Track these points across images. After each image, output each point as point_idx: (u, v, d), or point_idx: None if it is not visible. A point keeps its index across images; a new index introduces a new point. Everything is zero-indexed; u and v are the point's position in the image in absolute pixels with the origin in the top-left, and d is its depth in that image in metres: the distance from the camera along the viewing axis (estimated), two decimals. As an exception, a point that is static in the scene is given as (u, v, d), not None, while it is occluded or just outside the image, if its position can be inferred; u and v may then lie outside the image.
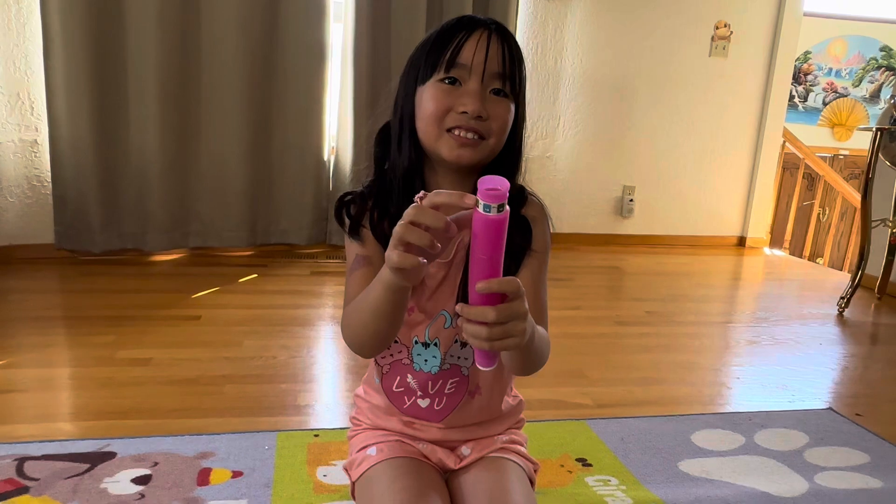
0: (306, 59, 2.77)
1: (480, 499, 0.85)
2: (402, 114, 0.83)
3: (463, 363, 0.91)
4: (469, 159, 0.79)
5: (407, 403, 0.92)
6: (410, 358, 0.89)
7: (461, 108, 0.77)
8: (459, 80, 0.78)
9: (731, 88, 3.53)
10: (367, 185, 0.87)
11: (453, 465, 0.90)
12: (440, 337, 0.88)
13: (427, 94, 0.79)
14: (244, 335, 1.84)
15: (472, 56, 0.77)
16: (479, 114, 0.77)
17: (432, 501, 0.82)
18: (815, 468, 1.27)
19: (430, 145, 0.80)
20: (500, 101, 0.79)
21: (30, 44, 2.43)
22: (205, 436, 1.25)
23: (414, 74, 0.81)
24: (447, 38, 0.79)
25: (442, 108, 0.78)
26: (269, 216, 2.86)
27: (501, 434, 0.95)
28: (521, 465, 0.93)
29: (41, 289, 2.27)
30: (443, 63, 0.77)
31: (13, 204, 2.54)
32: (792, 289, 3.01)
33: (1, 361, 1.57)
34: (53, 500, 1.03)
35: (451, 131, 0.78)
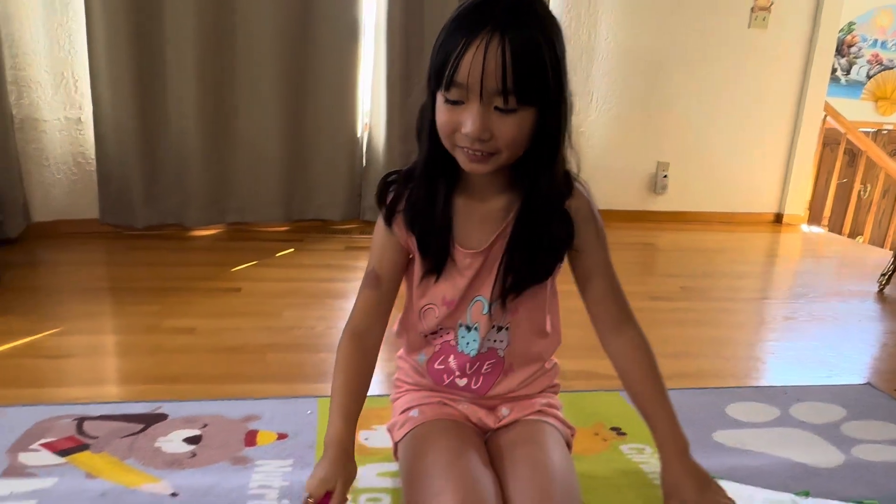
0: (340, 36, 2.79)
1: (519, 460, 0.88)
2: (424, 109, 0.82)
3: (499, 346, 0.93)
4: (484, 171, 0.79)
5: (446, 381, 0.96)
6: (457, 339, 0.92)
7: (463, 128, 0.75)
8: (461, 100, 0.74)
9: (770, 61, 3.44)
10: (410, 166, 0.88)
11: (493, 425, 0.94)
12: (480, 322, 0.90)
13: (438, 107, 0.78)
14: (283, 306, 1.89)
15: (467, 74, 0.72)
16: (479, 136, 0.74)
17: (472, 460, 0.86)
18: (852, 441, 1.27)
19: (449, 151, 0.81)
20: (506, 117, 0.74)
21: (73, 23, 2.49)
22: (249, 400, 1.30)
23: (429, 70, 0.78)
24: (450, 43, 0.74)
25: (448, 128, 0.77)
26: (303, 192, 2.91)
27: (539, 397, 0.97)
28: (558, 429, 0.96)
29: (88, 261, 2.36)
30: (443, 81, 0.74)
31: (60, 180, 2.62)
32: (830, 266, 2.96)
33: (56, 329, 1.65)
34: (112, 457, 1.09)
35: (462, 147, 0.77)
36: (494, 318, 0.90)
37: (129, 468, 1.05)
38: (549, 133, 0.78)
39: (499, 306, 0.89)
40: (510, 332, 0.93)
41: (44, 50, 2.47)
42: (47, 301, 1.92)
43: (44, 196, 2.60)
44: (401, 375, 1.03)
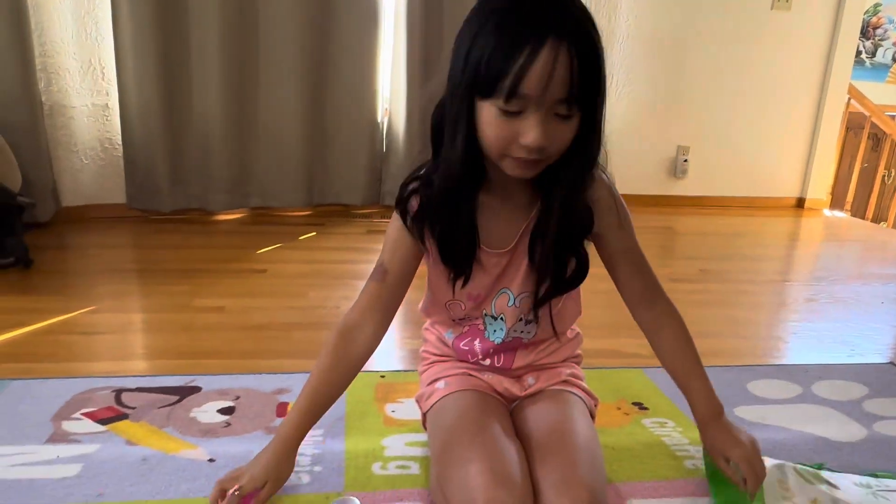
0: (360, 22, 2.80)
1: (544, 429, 0.90)
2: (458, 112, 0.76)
3: (525, 335, 0.96)
4: (531, 175, 0.78)
5: (471, 360, 0.98)
6: (485, 325, 0.94)
7: (522, 140, 0.72)
8: (521, 110, 0.71)
9: (793, 43, 3.40)
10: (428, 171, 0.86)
11: (519, 393, 0.96)
12: (506, 314, 0.92)
13: (487, 117, 0.73)
14: (308, 287, 1.93)
15: (536, 87, 0.68)
16: (542, 146, 0.72)
17: (497, 430, 0.88)
18: (873, 417, 1.28)
19: (492, 160, 0.78)
20: (562, 124, 0.73)
21: (99, 11, 2.53)
22: (279, 374, 1.34)
23: (471, 76, 0.72)
24: (508, 50, 0.68)
25: (504, 141, 0.73)
26: (324, 177, 2.94)
27: (563, 366, 1.00)
28: (582, 399, 0.98)
29: (117, 244, 2.41)
30: (502, 91, 0.69)
31: (88, 166, 2.68)
32: (853, 250, 2.94)
33: (90, 307, 1.70)
34: (150, 425, 1.13)
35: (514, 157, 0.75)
36: (522, 311, 0.92)
37: (168, 436, 1.10)
38: (592, 132, 0.77)
39: (528, 300, 0.91)
40: (539, 325, 0.95)
41: (71, 38, 2.52)
42: (79, 282, 1.98)
43: (72, 181, 2.66)
44: (427, 347, 1.05)
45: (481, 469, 0.80)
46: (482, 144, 0.76)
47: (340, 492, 0.95)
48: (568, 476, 0.80)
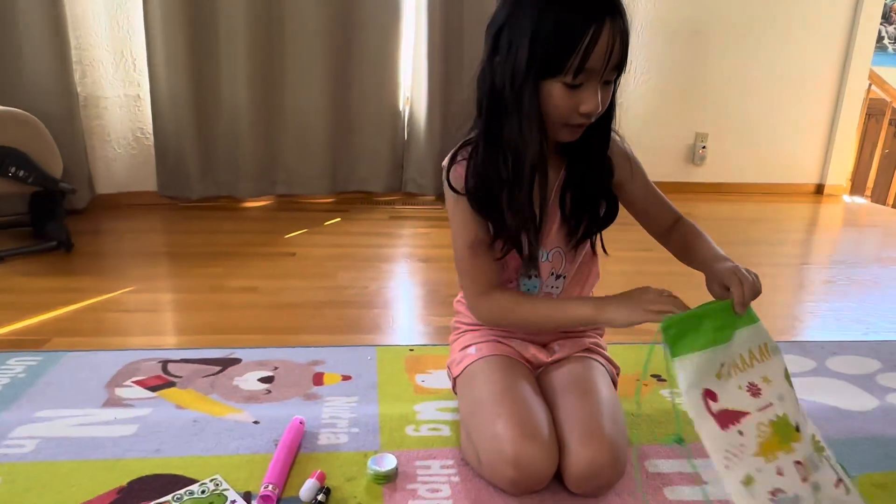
0: (382, 13, 2.86)
1: (569, 393, 0.96)
2: (528, 100, 0.83)
3: (554, 291, 1.02)
4: (576, 138, 0.89)
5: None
6: (518, 286, 1.00)
7: (583, 108, 0.82)
8: (583, 82, 0.81)
9: (812, 30, 3.40)
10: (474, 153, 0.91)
11: (546, 359, 1.02)
12: (540, 269, 0.98)
13: (553, 94, 0.82)
14: (336, 269, 2.00)
15: (601, 61, 0.79)
16: (599, 112, 0.84)
17: (524, 389, 0.95)
18: (886, 389, 1.32)
19: (550, 132, 0.88)
20: (607, 90, 0.85)
21: (131, 5, 2.61)
22: (314, 348, 1.41)
23: (539, 62, 0.80)
24: (575, 31, 0.78)
25: (565, 111, 0.84)
26: (348, 165, 3.01)
27: (586, 336, 1.06)
28: (605, 366, 1.04)
29: (150, 229, 2.51)
30: (571, 69, 0.79)
31: (121, 155, 2.77)
32: (872, 235, 2.95)
33: (130, 287, 1.78)
34: (197, 392, 1.21)
35: (569, 125, 0.86)
36: (554, 265, 0.99)
37: (214, 401, 1.17)
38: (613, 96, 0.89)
39: (559, 254, 0.98)
40: (566, 280, 1.01)
41: (104, 31, 2.61)
42: (117, 264, 2.07)
43: (106, 170, 2.75)
44: (459, 318, 1.11)
45: (509, 423, 0.87)
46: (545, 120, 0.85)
47: (377, 450, 1.02)
48: (591, 429, 0.86)
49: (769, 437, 0.76)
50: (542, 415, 0.91)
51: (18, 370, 1.27)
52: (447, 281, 1.92)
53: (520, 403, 0.91)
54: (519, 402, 0.91)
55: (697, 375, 0.77)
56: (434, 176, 3.03)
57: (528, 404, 0.92)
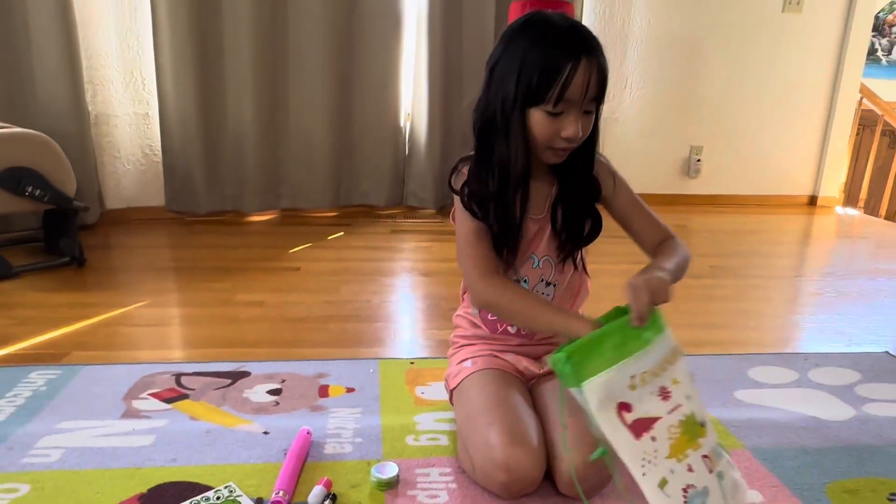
0: (383, 30, 2.95)
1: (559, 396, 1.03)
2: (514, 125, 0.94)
3: (545, 297, 1.09)
4: (562, 160, 0.99)
5: (499, 330, 1.12)
6: None
7: (564, 133, 0.93)
8: (563, 111, 0.92)
9: (804, 44, 3.48)
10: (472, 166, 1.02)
11: (538, 371, 1.09)
12: (529, 275, 1.06)
13: (537, 120, 0.93)
14: (340, 283, 2.07)
15: (578, 94, 0.90)
16: (579, 138, 0.94)
17: (515, 400, 1.02)
18: (863, 399, 1.39)
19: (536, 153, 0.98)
20: (589, 117, 0.95)
21: (141, 26, 2.70)
22: (319, 361, 1.49)
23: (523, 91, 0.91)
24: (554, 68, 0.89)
25: (549, 136, 0.94)
26: (351, 179, 3.09)
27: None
28: (593, 378, 1.11)
29: (159, 244, 2.58)
30: (552, 99, 0.90)
31: (129, 171, 2.85)
32: (863, 246, 3.01)
33: (142, 302, 1.86)
34: (209, 404, 1.28)
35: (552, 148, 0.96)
36: (543, 272, 1.06)
37: (226, 413, 1.24)
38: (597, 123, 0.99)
39: (549, 263, 1.06)
40: (556, 289, 1.08)
41: (115, 51, 2.69)
42: (128, 279, 2.14)
43: (116, 185, 2.83)
44: (458, 332, 1.18)
45: (501, 431, 0.94)
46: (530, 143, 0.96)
47: (380, 458, 1.09)
48: (581, 434, 0.93)
49: (679, 438, 0.81)
50: (532, 423, 0.98)
51: (40, 383, 1.34)
52: (447, 295, 1.99)
53: (510, 413, 0.98)
54: (510, 412, 0.98)
55: (608, 393, 0.79)
56: (434, 190, 3.10)
57: (518, 414, 0.99)
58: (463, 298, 1.18)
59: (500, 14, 2.97)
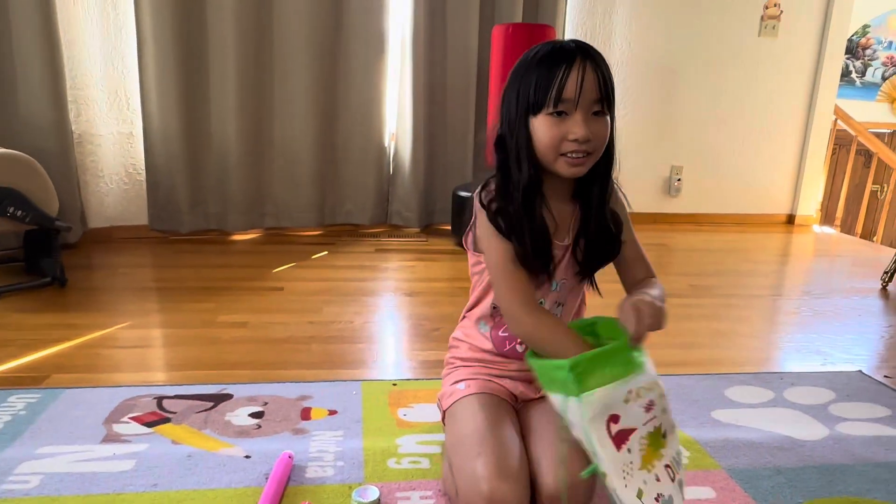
0: (367, 50, 2.99)
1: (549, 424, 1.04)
2: (518, 138, 0.97)
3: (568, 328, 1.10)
4: (581, 173, 0.97)
5: (507, 347, 1.13)
6: None
7: (571, 136, 0.92)
8: (566, 112, 0.92)
9: (780, 67, 3.57)
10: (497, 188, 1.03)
11: (534, 395, 1.11)
12: (546, 298, 1.08)
13: (541, 126, 0.94)
14: (322, 303, 2.08)
15: (574, 91, 0.91)
16: (588, 138, 0.93)
17: (506, 430, 1.03)
18: (837, 419, 1.42)
19: (548, 165, 0.97)
20: (600, 119, 0.94)
21: (126, 46, 2.71)
22: (301, 383, 1.49)
23: (525, 103, 0.95)
24: (550, 73, 0.92)
25: (556, 139, 0.94)
26: (335, 198, 3.11)
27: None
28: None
29: (141, 264, 2.57)
30: (550, 100, 0.92)
31: (113, 190, 2.85)
32: (839, 265, 3.08)
33: (125, 323, 1.85)
34: (191, 427, 1.28)
35: (565, 155, 0.95)
36: (559, 295, 1.09)
37: (207, 436, 1.24)
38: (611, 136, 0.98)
39: (564, 285, 1.08)
40: (564, 308, 1.10)
41: (100, 71, 2.70)
42: (111, 299, 2.13)
43: (98, 204, 2.83)
44: (454, 353, 1.19)
45: (488, 462, 0.95)
46: (539, 154, 0.96)
47: (361, 482, 1.10)
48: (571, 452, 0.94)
49: (647, 449, 0.85)
50: (519, 455, 0.99)
51: (19, 407, 1.33)
52: (431, 315, 2.01)
53: (499, 444, 0.99)
54: (499, 444, 0.99)
55: (603, 407, 0.83)
56: (418, 209, 3.13)
57: (507, 446, 0.99)
58: (464, 317, 1.18)
59: (484, 36, 3.02)
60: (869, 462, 1.24)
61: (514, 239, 1.01)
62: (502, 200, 1.02)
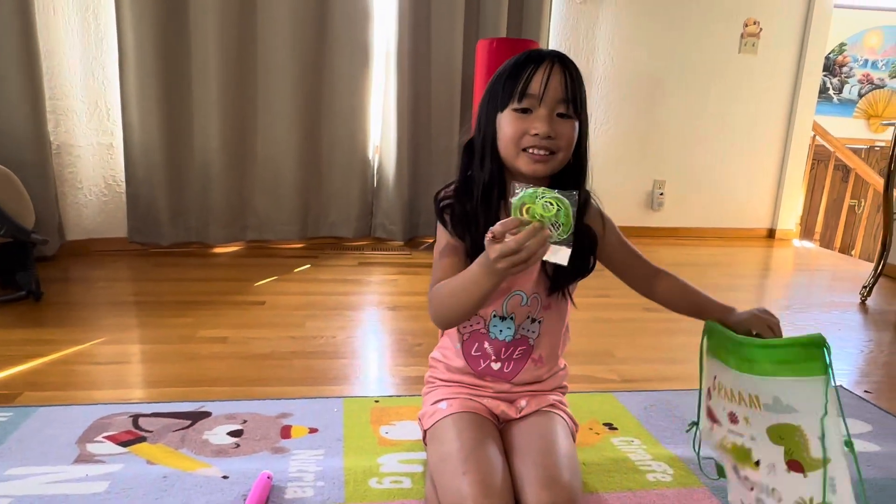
0: (352, 62, 2.98)
1: (533, 442, 1.03)
2: (485, 135, 1.00)
3: (530, 335, 1.10)
4: (542, 172, 0.97)
5: (482, 366, 1.11)
6: (487, 329, 1.08)
7: (533, 130, 0.95)
8: (531, 108, 0.95)
9: (760, 84, 3.63)
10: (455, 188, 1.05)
11: (515, 415, 1.10)
12: (516, 313, 1.07)
13: (505, 120, 0.97)
14: (305, 318, 2.05)
15: (539, 87, 0.94)
16: (549, 134, 0.94)
17: (490, 449, 1.02)
18: (819, 435, 1.42)
19: (510, 162, 0.98)
20: (565, 121, 0.96)
21: (106, 57, 2.68)
22: (282, 400, 1.46)
23: (494, 103, 0.98)
24: (518, 71, 0.95)
25: (518, 132, 0.96)
26: (318, 211, 3.09)
27: (552, 393, 1.14)
28: (566, 422, 1.12)
29: (120, 277, 2.53)
30: (516, 94, 0.95)
31: (92, 201, 2.81)
32: (818, 279, 3.11)
33: (101, 339, 1.82)
34: (167, 447, 1.25)
35: (527, 150, 0.96)
36: (531, 309, 1.07)
37: (184, 456, 1.22)
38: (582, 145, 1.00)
39: (537, 300, 1.07)
40: (542, 326, 1.09)
41: (80, 81, 2.67)
42: (87, 314, 2.09)
43: (76, 216, 2.78)
44: (433, 373, 1.18)
45: (474, 481, 0.93)
46: (501, 150, 0.98)
47: (341, 502, 1.08)
48: (552, 475, 0.93)
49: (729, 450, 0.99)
50: (503, 474, 0.98)
51: (-11, 427, 1.29)
52: (414, 330, 1.99)
53: (485, 463, 0.98)
54: (484, 463, 0.98)
55: (709, 372, 1.02)
56: (402, 222, 3.12)
57: (492, 465, 0.98)
58: (442, 334, 1.17)
59: (468, 48, 3.04)
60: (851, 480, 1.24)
61: (466, 237, 1.01)
62: (461, 200, 1.03)
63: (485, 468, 0.96)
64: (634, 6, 3.39)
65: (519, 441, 1.04)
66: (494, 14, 3.07)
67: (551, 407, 1.12)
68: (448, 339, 1.14)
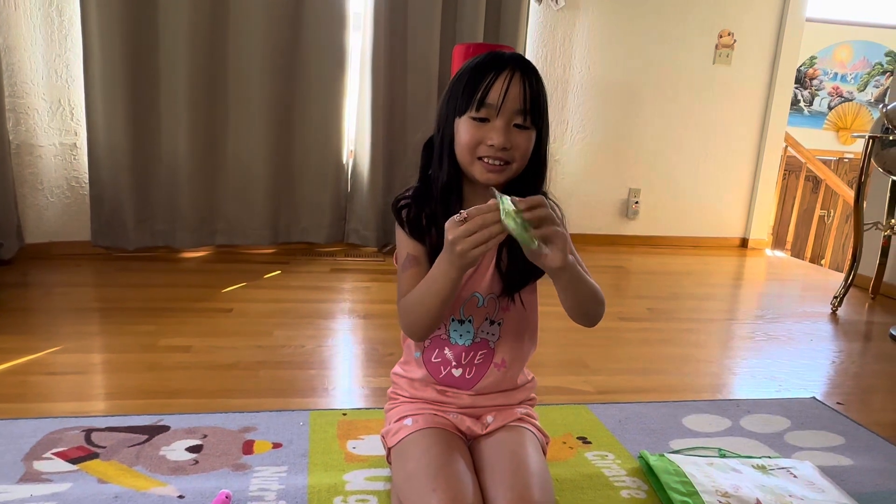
0: (327, 66, 2.93)
1: (502, 459, 0.99)
2: (444, 136, 0.98)
3: (490, 338, 1.06)
4: (496, 181, 0.96)
5: (443, 373, 1.07)
6: (447, 333, 1.04)
7: (489, 141, 0.93)
8: (488, 118, 0.93)
9: (734, 95, 3.66)
10: (415, 190, 1.04)
11: (481, 431, 1.05)
12: (474, 315, 1.03)
13: (462, 127, 0.95)
14: (273, 326, 1.99)
15: (497, 98, 0.92)
16: (504, 146, 0.93)
17: (459, 464, 0.97)
18: (792, 448, 1.41)
19: (465, 167, 0.97)
20: (522, 132, 0.95)
21: (71, 54, 2.60)
22: (246, 413, 1.41)
23: (453, 105, 0.97)
24: (479, 77, 0.94)
25: (473, 141, 0.94)
26: (290, 216, 3.02)
27: (519, 406, 1.10)
28: (536, 436, 1.08)
29: (82, 283, 2.44)
30: (474, 103, 0.93)
31: (53, 203, 2.71)
32: (790, 289, 3.13)
33: (56, 347, 1.74)
34: (121, 464, 1.18)
35: (482, 159, 0.95)
36: (489, 311, 1.04)
37: (138, 474, 1.15)
38: (540, 154, 0.99)
39: (493, 301, 1.03)
40: (501, 328, 1.05)
41: (42, 79, 2.58)
42: (43, 321, 2.00)
43: (37, 218, 2.68)
44: (396, 389, 1.14)
45: (443, 498, 0.89)
46: (458, 155, 0.97)
47: (304, 524, 1.03)
48: (522, 495, 0.89)
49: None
50: (472, 491, 0.94)
51: (-71, 442, 1.22)
52: (385, 339, 1.95)
53: (453, 480, 0.93)
54: (453, 479, 0.94)
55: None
56: (377, 228, 3.07)
57: (462, 482, 0.94)
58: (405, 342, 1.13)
59: (445, 53, 3.01)
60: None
61: (426, 239, 0.99)
62: (419, 202, 1.02)
63: (455, 485, 0.92)
64: (612, 15, 3.40)
65: (488, 459, 1.00)
66: (472, 19, 3.04)
67: (519, 421, 1.08)
68: (408, 350, 1.10)
